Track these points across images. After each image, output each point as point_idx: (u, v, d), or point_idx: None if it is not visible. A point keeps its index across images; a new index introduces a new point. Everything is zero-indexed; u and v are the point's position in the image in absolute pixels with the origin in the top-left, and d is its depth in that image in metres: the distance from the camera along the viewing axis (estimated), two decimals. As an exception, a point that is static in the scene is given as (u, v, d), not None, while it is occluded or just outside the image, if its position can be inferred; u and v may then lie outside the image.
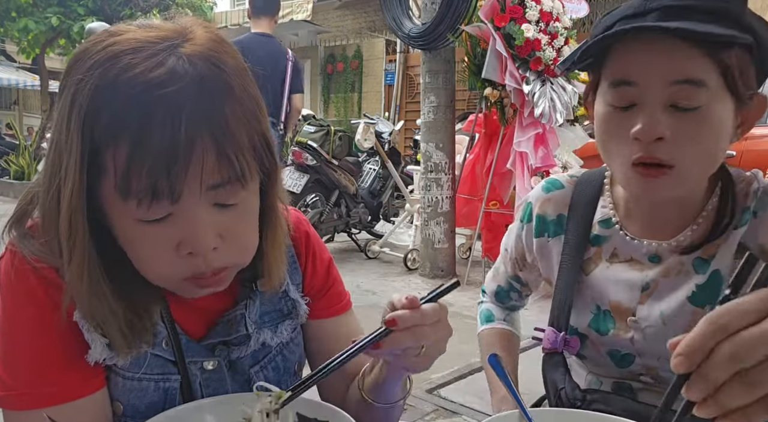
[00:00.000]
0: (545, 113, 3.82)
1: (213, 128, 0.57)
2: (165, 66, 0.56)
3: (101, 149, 0.57)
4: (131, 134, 0.55)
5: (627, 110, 0.79)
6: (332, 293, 0.87)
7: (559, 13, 4.00)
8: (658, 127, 0.75)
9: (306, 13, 11.02)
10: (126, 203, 0.58)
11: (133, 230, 0.60)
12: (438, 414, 2.41)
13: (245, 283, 0.78)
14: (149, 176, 0.56)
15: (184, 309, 0.74)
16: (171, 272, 0.63)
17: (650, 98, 0.77)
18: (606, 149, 0.84)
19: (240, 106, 0.60)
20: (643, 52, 0.77)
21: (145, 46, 0.57)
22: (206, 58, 0.58)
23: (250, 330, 0.77)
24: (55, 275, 0.66)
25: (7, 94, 16.70)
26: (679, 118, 0.76)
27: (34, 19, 10.47)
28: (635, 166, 0.79)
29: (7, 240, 0.69)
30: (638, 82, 0.77)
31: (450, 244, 4.69)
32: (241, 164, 0.59)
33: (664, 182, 0.78)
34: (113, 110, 0.56)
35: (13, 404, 0.65)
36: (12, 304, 0.66)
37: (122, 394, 0.70)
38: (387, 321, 0.62)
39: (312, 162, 4.95)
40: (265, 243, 0.72)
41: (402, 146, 7.69)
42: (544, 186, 1.03)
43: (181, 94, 0.55)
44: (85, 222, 0.60)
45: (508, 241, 1.10)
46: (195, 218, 0.60)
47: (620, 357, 0.92)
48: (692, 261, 0.87)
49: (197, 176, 0.57)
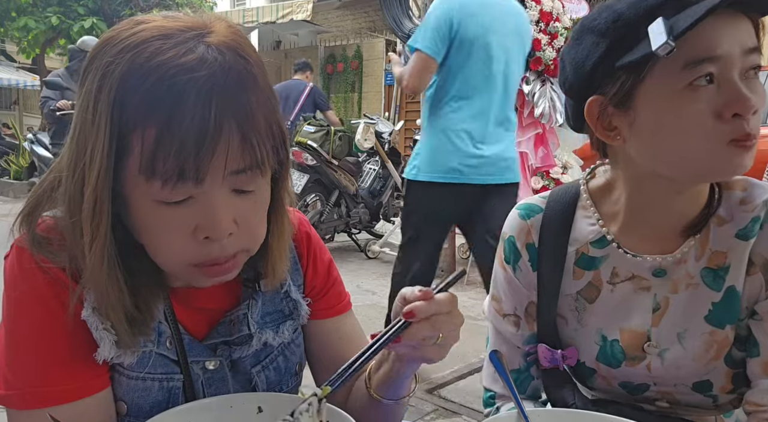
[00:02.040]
0: (545, 113, 3.82)
1: (238, 114, 0.59)
2: (195, 52, 0.58)
3: (129, 130, 0.58)
4: (161, 116, 0.57)
5: (710, 85, 0.72)
6: (333, 294, 0.87)
7: (559, 13, 4.00)
8: (751, 99, 0.71)
9: (306, 13, 11.01)
10: (149, 184, 0.59)
11: (152, 212, 0.61)
12: (438, 414, 2.41)
13: (247, 283, 0.79)
14: (177, 157, 0.57)
15: (187, 309, 0.75)
16: (184, 256, 0.63)
17: (731, 72, 0.71)
18: (690, 132, 0.73)
19: (262, 95, 0.62)
20: (717, 25, 0.71)
21: (174, 34, 0.59)
22: (232, 49, 0.61)
23: (253, 329, 0.77)
24: (61, 275, 0.66)
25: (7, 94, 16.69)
26: (752, 88, 0.72)
27: (34, 19, 10.48)
28: (732, 142, 0.72)
29: (16, 236, 0.69)
30: (722, 56, 0.71)
31: (450, 244, 4.69)
32: (261, 151, 0.61)
33: (751, 151, 0.73)
34: (144, 91, 0.57)
35: (17, 403, 0.65)
36: (17, 302, 0.66)
37: (126, 394, 0.70)
38: (405, 313, 0.64)
39: (312, 162, 4.96)
40: (271, 237, 0.73)
41: (402, 146, 7.69)
42: (520, 214, 0.93)
43: (211, 80, 0.57)
44: (109, 204, 0.61)
45: (504, 301, 0.94)
46: (215, 202, 0.61)
47: (633, 387, 0.88)
48: (700, 272, 0.82)
49: (222, 160, 0.59)
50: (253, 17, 11.40)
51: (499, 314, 0.94)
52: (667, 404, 0.88)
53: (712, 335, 0.82)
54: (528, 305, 0.93)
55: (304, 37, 13.15)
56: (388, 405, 0.76)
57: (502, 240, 0.95)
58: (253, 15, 11.54)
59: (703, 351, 0.82)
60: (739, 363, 0.83)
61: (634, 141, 0.78)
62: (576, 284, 0.89)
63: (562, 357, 0.90)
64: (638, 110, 0.76)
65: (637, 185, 0.83)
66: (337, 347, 0.86)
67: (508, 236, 0.93)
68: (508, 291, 0.94)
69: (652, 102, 0.74)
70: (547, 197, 0.93)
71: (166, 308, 0.72)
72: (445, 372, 2.79)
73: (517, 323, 0.93)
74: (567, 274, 0.90)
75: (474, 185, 2.37)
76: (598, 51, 0.77)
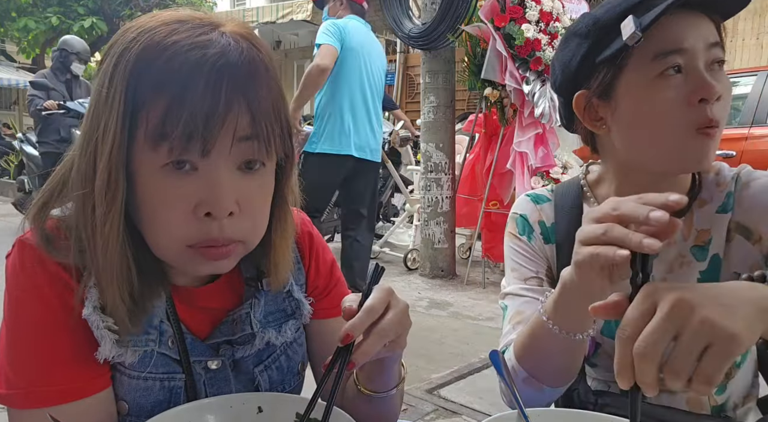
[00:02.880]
0: (545, 113, 3.82)
1: (249, 95, 0.61)
2: (209, 35, 0.61)
3: (141, 103, 0.60)
4: (174, 87, 0.59)
5: (677, 74, 0.81)
6: (335, 294, 0.87)
7: (559, 13, 4.00)
8: (716, 86, 0.79)
9: (306, 13, 11.01)
10: (157, 152, 0.60)
11: (156, 184, 0.62)
12: (438, 414, 2.41)
13: (250, 282, 0.79)
14: (186, 123, 0.59)
15: (189, 309, 0.75)
16: (183, 234, 0.63)
17: (699, 62, 0.80)
18: (656, 121, 0.82)
19: (273, 84, 0.64)
20: (683, 22, 0.80)
21: (190, 20, 0.63)
22: (245, 38, 0.64)
23: (255, 329, 0.77)
24: (64, 274, 0.66)
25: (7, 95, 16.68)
26: (717, 78, 0.80)
27: (34, 19, 10.48)
28: (700, 130, 0.79)
29: (27, 230, 0.69)
30: (688, 48, 0.80)
31: (450, 244, 4.70)
32: (269, 130, 0.63)
33: (715, 140, 0.80)
34: (158, 65, 0.60)
35: (18, 402, 0.65)
36: (19, 301, 0.66)
37: (128, 393, 0.70)
38: (342, 340, 0.63)
39: (312, 162, 4.95)
40: (274, 233, 0.74)
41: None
42: (532, 199, 1.02)
43: (223, 58, 0.60)
44: (124, 175, 0.62)
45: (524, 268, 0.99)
46: (219, 177, 0.62)
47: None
48: (690, 250, 0.90)
49: (230, 132, 0.61)
50: (253, 17, 11.40)
51: (521, 280, 0.99)
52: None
53: None
54: (547, 270, 1.00)
55: (304, 37, 13.14)
56: (380, 398, 0.76)
57: (512, 219, 1.02)
58: (253, 15, 11.54)
59: None
60: None
61: (615, 129, 0.88)
62: None
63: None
64: (618, 100, 0.85)
65: (624, 177, 0.91)
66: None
67: (519, 214, 1.02)
68: (526, 258, 1.00)
69: (630, 92, 0.84)
70: (552, 191, 1.02)
71: (168, 307, 0.72)
72: (445, 372, 2.79)
73: (540, 283, 0.99)
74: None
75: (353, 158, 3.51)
76: (581, 51, 0.87)
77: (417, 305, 3.97)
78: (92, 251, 0.64)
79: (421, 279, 4.64)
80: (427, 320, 3.65)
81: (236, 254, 0.68)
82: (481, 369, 2.83)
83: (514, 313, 0.97)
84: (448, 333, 3.46)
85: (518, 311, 0.96)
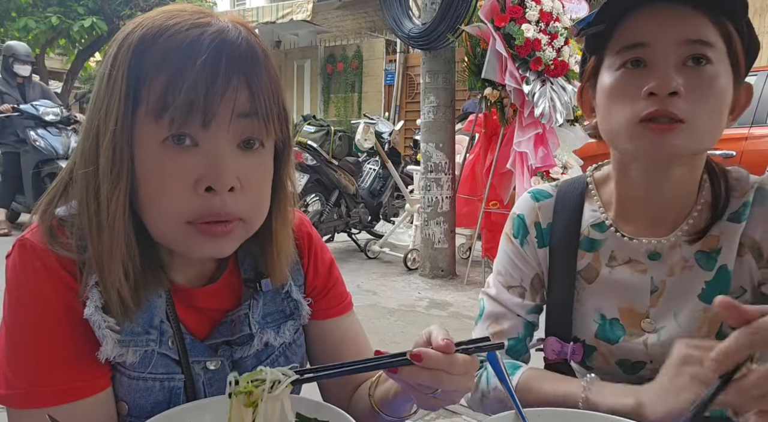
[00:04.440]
0: (545, 112, 3.82)
1: (247, 72, 0.63)
2: (208, 19, 0.64)
3: (143, 80, 0.62)
4: (174, 63, 0.61)
5: (637, 68, 0.81)
6: (334, 294, 0.87)
7: (559, 13, 4.00)
8: (672, 81, 0.78)
9: (306, 13, 11.01)
10: (158, 124, 0.61)
11: (157, 159, 0.63)
12: (438, 414, 2.41)
13: (249, 283, 0.79)
14: (187, 94, 0.60)
15: (188, 309, 0.75)
16: (183, 209, 0.63)
17: (663, 58, 0.79)
18: (612, 110, 0.84)
19: (270, 68, 0.66)
20: (657, 16, 0.80)
21: (189, 10, 0.65)
22: (243, 26, 0.66)
23: (254, 329, 0.77)
24: (64, 273, 0.66)
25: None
26: (691, 76, 0.79)
27: (34, 19, 10.47)
28: (644, 122, 0.80)
29: (34, 222, 0.69)
30: (651, 43, 0.80)
31: (450, 244, 4.70)
32: (268, 108, 0.65)
33: (677, 136, 0.79)
34: (159, 44, 0.62)
35: (18, 402, 0.65)
36: (19, 301, 0.67)
37: (127, 394, 0.70)
38: (413, 355, 0.60)
39: (312, 162, 4.96)
40: (275, 221, 0.74)
41: (402, 146, 7.68)
42: (532, 196, 1.00)
43: (222, 36, 0.62)
44: (129, 151, 0.63)
45: (510, 274, 0.98)
46: (219, 151, 0.63)
47: (630, 365, 0.91)
48: (694, 255, 0.87)
49: (229, 107, 0.62)
50: (253, 17, 11.41)
51: (504, 287, 0.99)
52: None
53: (705, 312, 0.86)
54: (533, 278, 0.98)
55: (304, 37, 13.15)
56: (387, 420, 0.76)
57: (510, 218, 1.01)
58: (253, 15, 11.54)
59: (696, 328, 0.87)
60: None
61: (597, 117, 0.89)
62: (578, 264, 0.95)
63: (572, 350, 0.93)
64: (597, 89, 0.88)
65: (623, 170, 0.90)
66: (338, 347, 0.86)
67: (517, 213, 1.00)
68: (514, 264, 0.99)
69: (602, 81, 0.86)
70: (557, 186, 1.01)
71: (168, 307, 0.72)
72: (445, 372, 2.79)
73: (522, 294, 0.98)
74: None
75: None
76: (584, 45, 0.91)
77: (417, 305, 3.97)
78: (95, 232, 0.64)
79: (421, 279, 4.64)
80: (427, 320, 3.65)
81: (237, 235, 0.67)
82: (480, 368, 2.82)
83: (493, 322, 0.98)
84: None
85: (498, 322, 0.97)
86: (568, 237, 0.95)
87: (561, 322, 0.95)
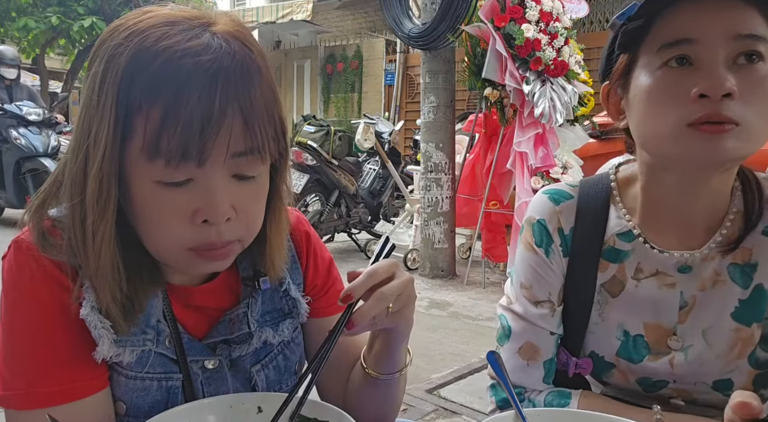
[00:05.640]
0: (545, 112, 3.82)
1: (242, 99, 0.60)
2: (201, 38, 0.60)
3: (133, 111, 0.59)
4: (167, 97, 0.58)
5: (682, 66, 0.74)
6: (333, 293, 0.87)
7: (559, 13, 4.00)
8: (726, 82, 0.71)
9: (306, 13, 11.01)
10: (152, 164, 0.60)
11: (152, 194, 0.62)
12: (438, 414, 2.41)
13: (247, 282, 0.79)
14: (181, 137, 0.58)
15: (186, 309, 0.75)
16: (181, 240, 0.63)
17: (712, 55, 0.72)
18: (652, 113, 0.77)
19: (265, 84, 0.64)
20: (703, 10, 0.73)
21: (181, 21, 0.61)
22: (236, 38, 0.63)
23: (252, 328, 0.77)
24: (60, 274, 0.66)
25: None
26: (743, 74, 0.72)
27: (34, 19, 10.47)
28: (692, 126, 0.73)
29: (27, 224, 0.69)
30: (698, 39, 0.73)
31: (450, 244, 4.70)
32: (263, 138, 0.63)
33: (731, 139, 0.72)
34: (150, 73, 0.58)
35: (16, 403, 0.65)
36: (15, 302, 0.66)
37: (125, 393, 0.70)
38: (342, 298, 0.65)
39: (312, 162, 4.96)
40: (269, 230, 0.74)
41: (402, 146, 7.67)
42: (551, 197, 0.91)
43: (216, 64, 0.59)
44: (116, 184, 0.62)
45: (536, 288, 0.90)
46: (215, 186, 0.62)
47: (652, 383, 0.87)
48: (726, 268, 0.82)
49: (224, 143, 0.60)
50: (253, 17, 11.40)
51: (531, 302, 0.90)
52: (682, 402, 0.87)
53: (738, 332, 0.82)
54: (560, 290, 0.91)
55: (304, 37, 13.14)
56: (385, 380, 0.78)
57: (528, 224, 0.92)
58: (253, 15, 11.54)
59: (727, 349, 0.83)
60: (763, 363, 0.82)
61: (630, 120, 0.82)
62: (601, 276, 0.88)
63: (576, 365, 0.90)
64: (631, 90, 0.81)
65: (653, 175, 0.83)
66: (336, 345, 0.85)
67: (537, 219, 0.91)
68: (540, 276, 0.91)
69: (638, 81, 0.79)
70: (576, 186, 0.93)
71: (164, 307, 0.72)
72: (445, 372, 2.80)
73: (552, 308, 0.90)
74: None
75: None
76: (608, 41, 0.85)
77: (417, 305, 3.95)
78: (83, 257, 0.64)
79: (421, 279, 4.63)
80: (427, 320, 3.65)
81: (234, 253, 0.68)
82: (480, 369, 2.83)
83: (526, 345, 0.90)
84: (448, 333, 3.46)
85: (531, 345, 0.89)
86: (591, 246, 0.88)
87: (572, 337, 0.90)
